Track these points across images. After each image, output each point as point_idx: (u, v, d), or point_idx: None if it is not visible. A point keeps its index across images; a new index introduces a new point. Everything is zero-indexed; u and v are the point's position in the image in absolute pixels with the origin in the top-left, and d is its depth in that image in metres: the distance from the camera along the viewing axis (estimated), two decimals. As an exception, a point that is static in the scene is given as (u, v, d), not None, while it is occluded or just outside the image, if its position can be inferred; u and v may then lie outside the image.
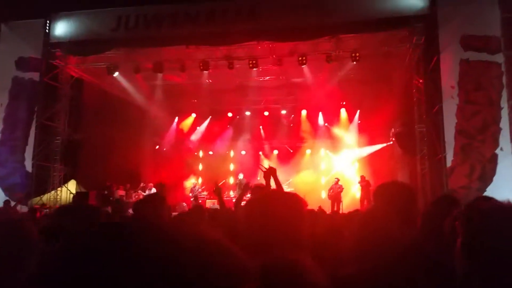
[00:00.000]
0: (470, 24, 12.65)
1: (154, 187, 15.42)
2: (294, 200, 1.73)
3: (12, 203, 13.66)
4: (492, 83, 12.56)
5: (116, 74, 15.47)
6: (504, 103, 12.36)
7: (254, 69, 14.73)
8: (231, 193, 16.42)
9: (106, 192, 15.22)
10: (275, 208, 1.63)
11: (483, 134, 12.51)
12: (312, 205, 13.51)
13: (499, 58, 12.49)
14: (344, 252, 2.02)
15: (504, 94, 12.40)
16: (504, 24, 12.60)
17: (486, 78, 12.61)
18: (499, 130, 12.40)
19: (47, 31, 15.26)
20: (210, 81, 16.24)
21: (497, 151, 12.28)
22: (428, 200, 13.11)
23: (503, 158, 12.17)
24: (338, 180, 15.52)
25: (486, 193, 12.02)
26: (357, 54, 13.82)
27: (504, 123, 12.31)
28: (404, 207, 2.36)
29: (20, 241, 1.79)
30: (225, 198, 16.43)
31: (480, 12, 12.65)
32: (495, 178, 12.20)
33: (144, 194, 15.58)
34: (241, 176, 16.50)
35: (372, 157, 16.65)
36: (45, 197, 15.09)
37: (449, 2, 12.78)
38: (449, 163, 12.45)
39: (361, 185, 15.07)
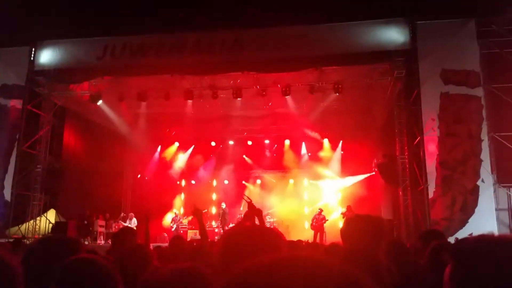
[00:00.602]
0: (450, 59, 12.75)
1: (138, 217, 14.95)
2: (272, 234, 1.69)
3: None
4: (472, 116, 12.54)
5: (99, 102, 15.09)
6: (484, 136, 12.33)
7: (238, 99, 14.46)
8: (213, 223, 16.03)
9: (85, 222, 14.70)
10: (251, 239, 1.61)
11: (464, 166, 12.41)
12: (295, 235, 13.27)
13: (479, 92, 12.53)
14: None
15: (485, 126, 12.40)
16: (483, 59, 12.74)
17: (466, 111, 12.60)
18: (479, 162, 12.33)
19: (32, 58, 14.94)
20: (194, 110, 15.93)
21: (479, 182, 12.18)
22: (411, 231, 12.96)
23: (484, 189, 12.05)
24: (322, 210, 15.08)
25: (468, 224, 11.93)
26: (340, 86, 13.69)
27: (484, 155, 12.25)
28: (373, 239, 2.31)
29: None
30: (207, 228, 16.15)
31: (460, 47, 12.78)
32: (476, 210, 12.10)
33: (125, 224, 15.11)
34: (223, 205, 16.01)
35: (355, 187, 16.43)
36: (24, 227, 14.45)
37: (429, 38, 12.88)
38: (431, 194, 12.31)
39: (344, 216, 14.82)
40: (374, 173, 15.73)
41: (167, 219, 16.86)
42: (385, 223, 2.55)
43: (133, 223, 15.19)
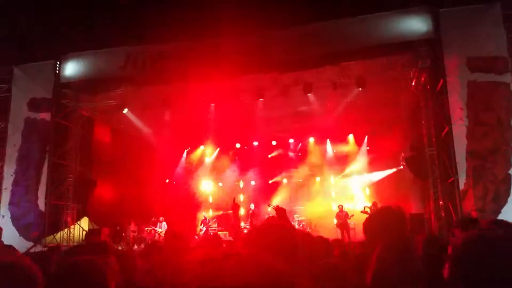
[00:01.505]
0: (476, 46, 12.19)
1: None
2: (287, 230, 1.76)
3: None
4: (501, 104, 12.02)
5: (125, 111, 15.22)
6: (515, 123, 11.91)
7: (260, 99, 14.36)
8: (242, 224, 15.93)
9: (118, 228, 14.83)
10: (269, 234, 1.67)
11: (495, 155, 11.91)
12: (324, 233, 12.98)
13: (507, 78, 11.99)
14: None
15: (515, 113, 11.95)
16: (510, 44, 12.20)
17: (494, 99, 12.07)
18: (510, 150, 11.84)
19: (57, 71, 15.12)
20: (217, 113, 15.82)
21: (510, 171, 11.72)
22: (443, 224, 12.51)
23: (516, 178, 11.66)
24: (342, 207, 14.84)
25: (501, 215, 11.43)
26: (362, 80, 13.36)
27: (515, 143, 11.83)
28: (394, 232, 2.28)
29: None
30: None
31: (486, 33, 12.18)
32: (509, 199, 11.63)
33: (156, 228, 15.18)
34: (252, 206, 15.87)
35: (383, 182, 16.02)
36: (58, 236, 14.66)
37: (453, 25, 12.30)
38: (461, 186, 11.82)
39: (364, 213, 14.49)
40: (402, 167, 15.29)
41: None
42: (406, 216, 2.47)
43: (163, 226, 15.26)
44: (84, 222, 15.42)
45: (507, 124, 11.94)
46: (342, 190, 17.21)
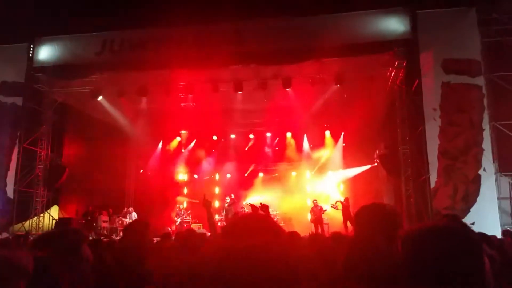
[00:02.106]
0: (451, 48, 12.48)
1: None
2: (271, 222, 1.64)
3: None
4: (473, 105, 12.29)
5: (100, 98, 14.86)
6: (485, 125, 12.11)
7: (239, 92, 14.24)
8: (216, 217, 15.89)
9: (89, 218, 14.55)
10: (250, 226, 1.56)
11: (466, 155, 12.18)
12: (298, 227, 13.14)
13: (480, 81, 12.26)
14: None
15: (486, 116, 12.21)
16: (484, 48, 12.46)
17: (467, 101, 12.35)
18: (481, 151, 12.12)
19: (30, 55, 14.72)
20: (195, 104, 15.68)
21: (480, 171, 11.97)
22: (413, 222, 12.81)
23: (486, 178, 11.84)
24: (316, 201, 14.94)
25: (470, 214, 11.76)
26: (341, 77, 13.49)
27: (486, 145, 12.05)
28: (388, 229, 2.24)
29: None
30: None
31: (461, 37, 12.48)
32: (478, 199, 11.94)
33: (125, 219, 14.93)
34: (228, 199, 15.83)
35: (357, 178, 16.23)
36: (27, 224, 14.30)
37: (430, 27, 12.58)
38: (433, 184, 12.09)
39: (335, 208, 14.74)
40: (376, 164, 15.55)
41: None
42: (400, 216, 2.45)
43: (133, 217, 15.02)
44: (54, 211, 15.10)
45: (478, 125, 12.22)
46: (317, 185, 17.31)
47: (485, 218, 11.33)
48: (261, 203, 4.37)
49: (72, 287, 2.02)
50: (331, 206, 14.56)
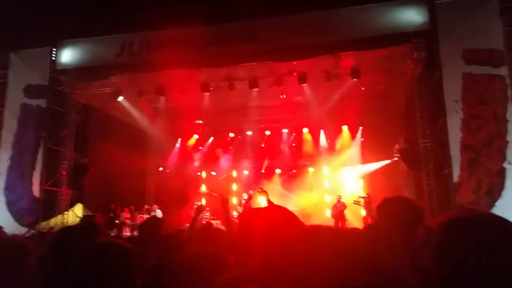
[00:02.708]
0: (472, 38, 12.08)
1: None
2: (289, 213, 1.69)
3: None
4: (496, 97, 11.91)
5: (120, 98, 15.32)
6: (510, 116, 11.69)
7: (255, 89, 14.37)
8: (234, 213, 16.04)
9: (111, 215, 15.00)
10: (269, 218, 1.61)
11: (489, 148, 11.83)
12: (317, 223, 13.05)
13: (503, 71, 11.85)
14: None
15: (510, 107, 11.77)
16: (507, 37, 11.97)
17: (490, 92, 11.97)
18: (505, 143, 11.74)
19: (53, 58, 15.22)
20: (211, 102, 15.92)
21: (505, 164, 11.63)
22: (437, 217, 12.53)
23: (511, 172, 11.59)
24: (340, 197, 14.86)
25: (494, 208, 11.43)
26: (357, 71, 13.35)
27: (510, 137, 11.75)
28: (409, 223, 2.25)
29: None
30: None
31: (481, 26, 12.05)
32: (503, 193, 11.63)
33: (149, 216, 15.34)
34: (245, 196, 15.94)
35: (376, 174, 15.97)
36: (52, 221, 14.77)
37: (449, 17, 12.20)
38: (455, 178, 11.78)
39: (358, 204, 14.66)
40: (396, 158, 15.31)
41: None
42: (422, 211, 2.45)
43: (158, 215, 15.39)
44: (78, 209, 15.61)
45: (502, 117, 11.85)
46: (335, 181, 17.19)
47: (510, 213, 11.00)
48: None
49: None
50: (354, 203, 14.46)
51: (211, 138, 18.63)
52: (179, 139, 18.56)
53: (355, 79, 13.58)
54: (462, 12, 12.26)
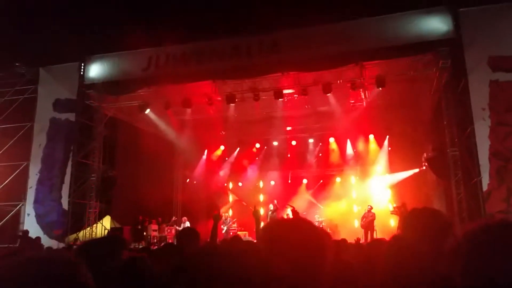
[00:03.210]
0: (497, 45, 12.51)
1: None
2: (312, 228, 1.68)
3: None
4: None
5: (147, 111, 16.05)
6: (539, 123, 12.05)
7: (280, 99, 14.94)
8: (262, 224, 16.30)
9: (139, 227, 15.49)
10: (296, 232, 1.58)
11: None
12: (345, 234, 13.37)
13: (531, 77, 12.26)
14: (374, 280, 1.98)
15: (538, 113, 12.09)
16: (532, 43, 12.44)
17: None
18: (535, 151, 12.02)
19: (81, 73, 16.06)
20: (237, 113, 16.55)
21: (535, 173, 11.89)
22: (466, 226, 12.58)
23: (541, 180, 11.78)
24: (371, 208, 15.26)
25: (526, 217, 11.58)
26: (383, 80, 13.71)
27: (540, 144, 11.95)
28: (437, 236, 2.21)
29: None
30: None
31: (506, 33, 12.52)
32: (534, 202, 11.75)
33: (179, 228, 15.79)
34: (271, 206, 16.42)
35: (405, 183, 16.34)
36: (81, 234, 15.45)
37: (474, 25, 12.73)
38: (485, 187, 12.06)
39: (395, 213, 14.78)
40: (424, 167, 15.51)
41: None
42: (451, 223, 2.40)
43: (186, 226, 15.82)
44: (107, 221, 16.21)
45: None
46: (363, 191, 17.64)
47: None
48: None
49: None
50: (391, 213, 14.59)
51: (237, 149, 19.33)
52: (206, 151, 19.22)
53: (380, 88, 13.96)
54: (486, 19, 12.73)
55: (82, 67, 16.10)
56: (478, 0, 13.03)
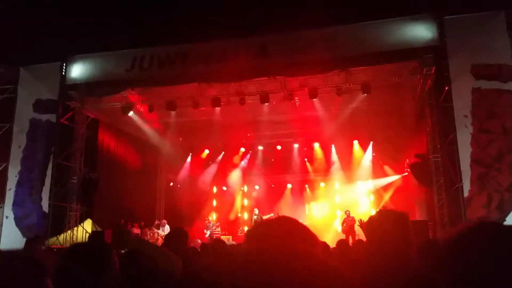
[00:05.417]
0: (480, 53, 13.11)
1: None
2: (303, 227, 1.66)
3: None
4: (506, 111, 12.85)
5: (130, 113, 16.30)
6: (520, 130, 12.57)
7: (266, 104, 15.42)
8: (245, 228, 17.04)
9: (121, 231, 15.98)
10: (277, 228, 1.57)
11: (499, 163, 12.71)
12: (328, 239, 14.08)
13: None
14: None
15: (520, 121, 12.70)
16: (515, 52, 13.25)
17: (499, 107, 12.92)
18: (515, 158, 12.78)
19: (63, 73, 16.21)
20: (222, 117, 16.95)
21: (515, 179, 12.59)
22: (448, 232, 13.41)
23: (522, 187, 12.39)
24: (349, 212, 15.79)
25: (505, 223, 12.20)
26: (368, 86, 14.37)
27: (521, 151, 12.56)
28: (400, 235, 2.33)
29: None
30: (239, 234, 17.28)
31: (490, 41, 13.12)
32: (514, 208, 12.54)
33: (158, 231, 16.42)
34: (256, 211, 16.96)
35: (387, 188, 17.10)
36: (61, 237, 15.72)
37: (458, 33, 13.31)
38: (466, 193, 12.66)
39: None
40: (406, 173, 16.33)
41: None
42: (409, 221, 2.50)
43: (166, 230, 16.40)
44: (88, 224, 16.61)
45: (511, 132, 12.78)
46: (346, 196, 18.23)
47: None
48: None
49: None
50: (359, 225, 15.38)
51: (222, 153, 19.75)
52: (190, 154, 19.69)
53: (365, 94, 14.65)
54: (470, 28, 13.37)
55: (64, 67, 16.22)
56: (462, 8, 13.62)
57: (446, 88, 13.35)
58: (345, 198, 18.23)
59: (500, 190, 12.71)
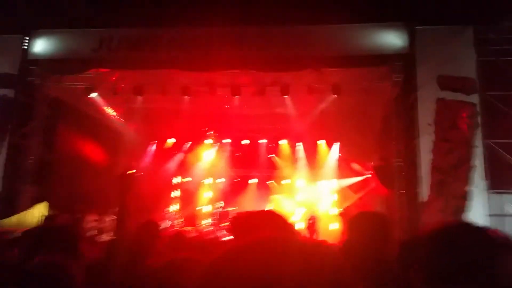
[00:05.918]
0: (447, 65, 13.78)
1: None
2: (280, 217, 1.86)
3: None
4: (467, 122, 13.57)
5: (94, 95, 16.02)
6: (479, 142, 13.40)
7: (236, 97, 15.57)
8: (210, 220, 17.14)
9: (78, 216, 15.67)
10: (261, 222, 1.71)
11: (457, 171, 13.39)
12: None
13: (474, 98, 13.59)
14: None
15: (479, 133, 13.47)
16: (479, 66, 13.76)
17: (461, 117, 13.61)
18: (473, 167, 13.33)
19: (25, 47, 15.73)
20: (191, 106, 16.87)
21: (471, 188, 13.20)
22: (405, 234, 14.16)
23: (477, 195, 13.13)
24: (312, 211, 16.38)
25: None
26: (339, 88, 14.86)
27: (479, 162, 13.31)
28: (379, 236, 2.48)
29: None
30: (202, 227, 17.36)
31: (457, 54, 13.84)
32: (469, 215, 13.22)
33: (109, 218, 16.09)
34: (222, 203, 17.25)
35: (350, 189, 17.73)
36: (14, 219, 15.40)
37: (427, 43, 13.95)
38: (425, 198, 13.34)
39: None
40: (370, 175, 16.98)
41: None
42: (390, 224, 2.65)
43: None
44: (44, 207, 16.14)
45: (471, 143, 13.48)
46: (309, 194, 18.75)
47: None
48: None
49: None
50: (339, 214, 15.86)
51: (189, 143, 19.71)
52: (155, 142, 19.53)
53: (335, 95, 15.11)
54: (439, 39, 14.07)
55: (26, 41, 15.72)
56: (434, 20, 14.18)
57: (413, 95, 13.95)
58: (308, 196, 18.70)
59: (456, 197, 13.39)
